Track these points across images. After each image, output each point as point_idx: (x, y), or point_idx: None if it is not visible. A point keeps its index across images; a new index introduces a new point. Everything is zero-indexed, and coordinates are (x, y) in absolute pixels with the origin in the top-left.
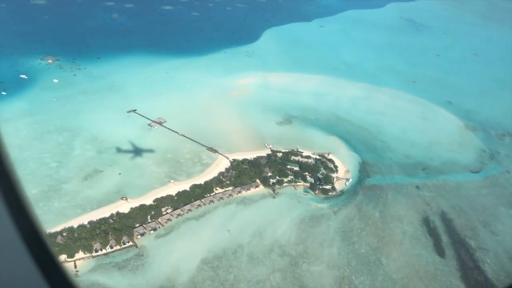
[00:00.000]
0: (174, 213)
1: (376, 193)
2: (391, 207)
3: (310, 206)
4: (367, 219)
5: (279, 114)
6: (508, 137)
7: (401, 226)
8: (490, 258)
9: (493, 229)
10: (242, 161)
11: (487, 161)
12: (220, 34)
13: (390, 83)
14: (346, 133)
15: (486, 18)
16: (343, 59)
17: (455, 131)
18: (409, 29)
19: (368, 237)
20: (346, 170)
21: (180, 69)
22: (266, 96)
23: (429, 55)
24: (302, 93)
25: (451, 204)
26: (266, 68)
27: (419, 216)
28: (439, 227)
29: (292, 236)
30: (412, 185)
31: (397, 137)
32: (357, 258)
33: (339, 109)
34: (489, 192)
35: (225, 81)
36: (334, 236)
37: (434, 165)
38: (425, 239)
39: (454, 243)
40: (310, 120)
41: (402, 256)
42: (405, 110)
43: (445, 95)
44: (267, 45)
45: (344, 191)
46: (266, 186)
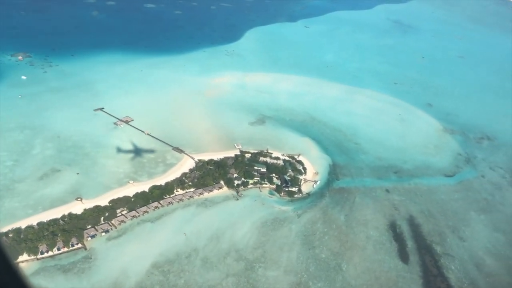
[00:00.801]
0: (129, 214)
1: (343, 196)
2: (357, 211)
3: (274, 208)
4: (331, 223)
5: (253, 114)
6: (486, 140)
7: (366, 230)
8: (455, 265)
9: (462, 234)
10: (208, 161)
11: (463, 165)
12: (201, 33)
13: (371, 84)
14: (320, 134)
15: (477, 21)
16: (325, 59)
17: (433, 134)
18: (396, 31)
19: (331, 241)
20: (315, 172)
21: (155, 68)
22: (242, 95)
23: (414, 57)
24: (279, 93)
25: (420, 208)
26: (245, 67)
27: (386, 220)
28: (405, 232)
29: (251, 240)
30: (382, 188)
31: (371, 139)
32: (317, 263)
33: (316, 110)
34: (461, 197)
35: (200, 80)
36: (295, 240)
37: (407, 168)
38: (390, 244)
39: (419, 249)
40: (284, 121)
41: (364, 262)
42: (383, 112)
43: (426, 97)
44: (248, 44)
45: (311, 193)
46: (230, 187)
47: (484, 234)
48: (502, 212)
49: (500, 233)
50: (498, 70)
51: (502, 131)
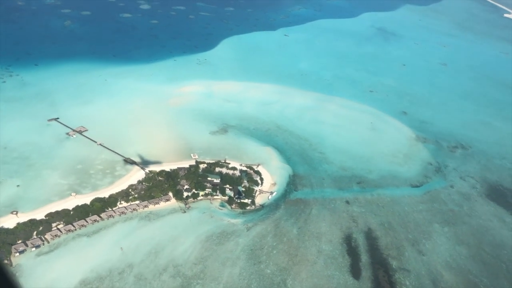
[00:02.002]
0: (64, 228)
1: (299, 208)
2: (312, 224)
3: (223, 221)
4: (282, 236)
5: (215, 123)
6: (460, 149)
7: (319, 244)
8: (410, 280)
9: (422, 248)
10: (159, 172)
11: (432, 175)
12: (175, 42)
13: (345, 92)
14: (284, 143)
15: (466, 29)
16: (300, 68)
17: (404, 143)
18: (378, 39)
19: (279, 256)
20: (272, 183)
21: (121, 77)
22: (207, 104)
23: (394, 64)
24: (247, 102)
25: (380, 220)
26: (215, 76)
27: (342, 233)
28: (361, 246)
29: (192, 255)
30: (342, 199)
31: (338, 149)
32: (260, 279)
33: (283, 118)
34: (425, 208)
35: (166, 89)
36: (240, 255)
37: (372, 178)
38: (342, 259)
39: (373, 264)
40: (247, 130)
41: (311, 278)
42: (354, 121)
43: (401, 105)
44: (222, 53)
45: (265, 205)
46: (178, 200)
47: (446, 248)
48: (468, 224)
49: (463, 246)
50: (481, 78)
51: (478, 139)
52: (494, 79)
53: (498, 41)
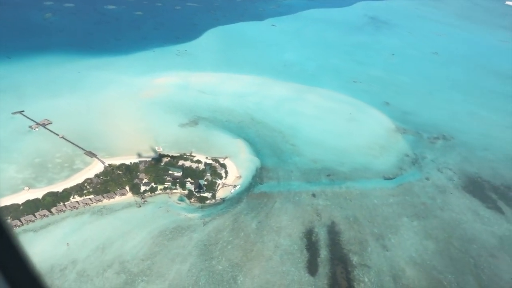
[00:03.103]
0: (11, 223)
1: (262, 202)
2: (273, 218)
3: (179, 216)
4: (239, 231)
5: (187, 115)
6: (441, 140)
7: (277, 239)
8: (369, 277)
9: (386, 243)
10: (118, 166)
11: (407, 167)
12: (157, 33)
13: (328, 83)
14: (256, 136)
15: (464, 17)
16: (284, 58)
17: (382, 134)
18: (369, 28)
19: (233, 251)
20: (237, 176)
21: (96, 69)
22: (181, 96)
23: (383, 54)
24: (223, 93)
25: (346, 214)
26: (193, 67)
27: (303, 227)
28: (321, 241)
29: (141, 251)
30: (309, 192)
31: (312, 141)
32: (210, 276)
33: (259, 110)
34: (396, 201)
35: (140, 81)
36: (192, 251)
37: (343, 170)
38: (300, 254)
39: (333, 259)
40: (219, 122)
41: (264, 274)
42: (332, 112)
43: (385, 95)
44: (204, 44)
45: (226, 199)
46: (135, 194)
47: (412, 242)
48: (439, 217)
49: (431, 241)
50: (474, 67)
51: (462, 130)
52: (487, 68)
53: (496, 29)
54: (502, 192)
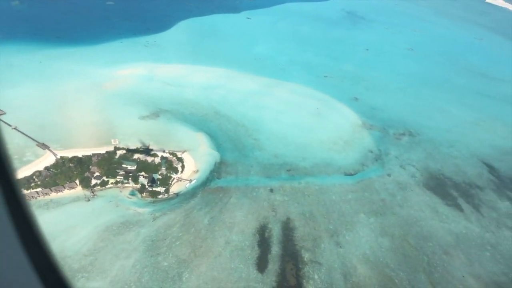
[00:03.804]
0: None
1: (217, 197)
2: (227, 213)
3: (128, 211)
4: (190, 227)
5: (148, 107)
6: (407, 136)
7: (229, 235)
8: (319, 274)
9: (341, 239)
10: (71, 158)
11: (370, 163)
12: (127, 23)
13: (298, 78)
14: (218, 129)
15: (442, 13)
16: (256, 52)
17: (347, 129)
18: (346, 23)
19: (181, 247)
20: (194, 170)
21: (58, 59)
22: (144, 88)
23: (357, 49)
24: (189, 86)
25: (302, 210)
26: (161, 59)
27: (257, 223)
28: (274, 237)
29: (85, 246)
30: (267, 187)
31: (275, 135)
32: (154, 273)
33: (224, 104)
34: (355, 197)
35: (104, 72)
36: (138, 246)
37: (303, 166)
38: (251, 250)
39: (284, 256)
40: (182, 115)
41: (211, 271)
42: (299, 107)
43: (355, 90)
44: (175, 35)
45: (180, 193)
46: (85, 187)
47: (367, 239)
48: (397, 214)
49: (386, 238)
50: (447, 63)
51: (429, 126)
52: (461, 64)
53: (474, 26)
54: (464, 190)
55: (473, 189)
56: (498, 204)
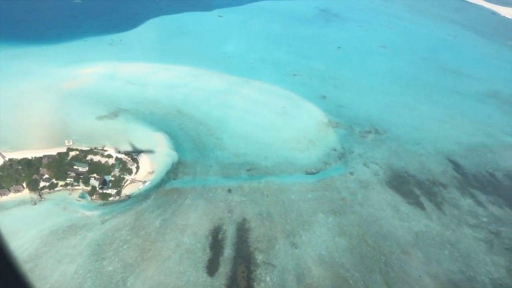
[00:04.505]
0: None
1: (171, 198)
2: (180, 215)
3: (76, 214)
4: (140, 230)
5: (107, 107)
6: (373, 134)
7: (180, 237)
8: (272, 276)
9: (297, 240)
10: (19, 160)
11: (333, 161)
12: (93, 22)
13: (266, 76)
14: (179, 129)
15: (418, 11)
16: (225, 50)
17: (313, 128)
18: (319, 20)
19: (128, 251)
20: (150, 171)
21: (17, 58)
22: (105, 87)
23: (329, 47)
24: (152, 84)
25: (260, 210)
26: (125, 57)
27: (211, 225)
28: (228, 239)
29: (27, 251)
30: (225, 188)
31: (239, 134)
32: (97, 278)
33: (187, 102)
34: (314, 197)
35: (64, 71)
36: (83, 251)
37: (265, 165)
38: (202, 253)
39: (236, 258)
40: (142, 115)
41: (158, 275)
42: (266, 105)
43: (323, 89)
44: (142, 34)
45: (133, 195)
46: (32, 190)
47: (324, 239)
48: (357, 213)
49: (344, 237)
50: (419, 61)
51: (396, 124)
52: (433, 62)
53: (449, 23)
54: (427, 187)
55: (436, 187)
56: (460, 202)
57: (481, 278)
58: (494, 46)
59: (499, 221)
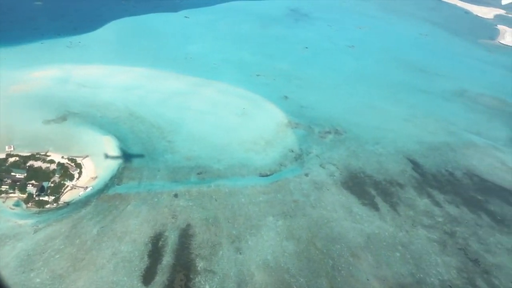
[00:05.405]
0: None
1: (113, 204)
2: (121, 222)
3: (8, 223)
4: (75, 238)
5: (57, 111)
6: (332, 134)
7: (117, 245)
8: (211, 284)
9: (242, 245)
10: None
11: (289, 163)
12: (53, 24)
13: (229, 77)
14: (130, 132)
15: (390, 10)
16: (188, 51)
17: (271, 129)
18: (288, 20)
19: (60, 261)
20: (93, 177)
21: None
22: (56, 91)
23: (296, 47)
24: (106, 87)
25: (206, 215)
26: (82, 60)
27: (152, 231)
28: (169, 246)
29: None
30: (171, 192)
31: (193, 137)
32: None
33: (141, 105)
34: (266, 199)
35: (15, 74)
36: (10, 262)
37: (217, 168)
38: (139, 261)
39: (176, 266)
40: (92, 118)
41: (89, 286)
42: (225, 106)
43: (286, 89)
44: (103, 35)
45: (72, 202)
46: None
47: (271, 244)
48: (308, 216)
49: (292, 241)
50: (388, 60)
51: (357, 124)
52: (402, 60)
53: (420, 22)
54: (383, 188)
55: (393, 187)
56: (416, 202)
57: (431, 280)
58: (465, 44)
59: (454, 220)
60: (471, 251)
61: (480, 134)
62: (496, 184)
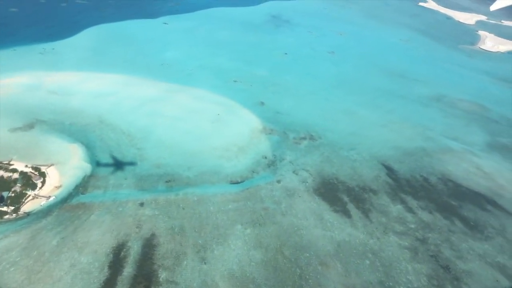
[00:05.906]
0: None
1: (75, 214)
2: (82, 232)
3: None
4: (32, 250)
5: (24, 118)
6: (307, 141)
7: (77, 256)
8: None
9: (207, 255)
10: None
11: (261, 169)
12: (27, 30)
13: (205, 83)
14: (98, 140)
15: (372, 16)
16: (164, 57)
17: (245, 135)
18: (268, 27)
19: (14, 274)
20: (57, 186)
21: None
22: (25, 98)
23: (275, 53)
24: (78, 94)
25: (172, 224)
26: (55, 67)
27: (115, 242)
28: (131, 256)
29: None
30: (137, 201)
31: (164, 144)
32: None
33: (112, 112)
34: (235, 207)
35: None
36: None
37: (187, 175)
38: (99, 273)
39: (137, 277)
40: (60, 126)
41: None
42: (199, 113)
43: (262, 95)
44: (78, 42)
45: (32, 212)
46: None
47: (238, 253)
48: (278, 224)
49: (259, 250)
50: (368, 66)
51: (333, 130)
52: (381, 66)
53: (402, 28)
54: (356, 194)
55: (366, 193)
56: (389, 208)
57: None
58: (446, 50)
59: (427, 227)
60: (442, 258)
61: (457, 139)
62: (471, 190)
